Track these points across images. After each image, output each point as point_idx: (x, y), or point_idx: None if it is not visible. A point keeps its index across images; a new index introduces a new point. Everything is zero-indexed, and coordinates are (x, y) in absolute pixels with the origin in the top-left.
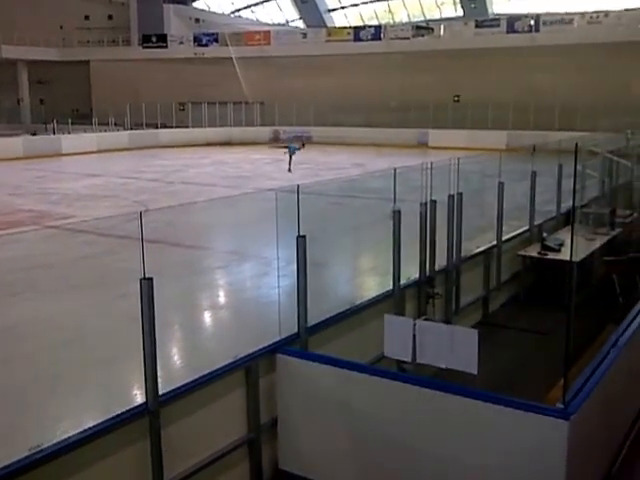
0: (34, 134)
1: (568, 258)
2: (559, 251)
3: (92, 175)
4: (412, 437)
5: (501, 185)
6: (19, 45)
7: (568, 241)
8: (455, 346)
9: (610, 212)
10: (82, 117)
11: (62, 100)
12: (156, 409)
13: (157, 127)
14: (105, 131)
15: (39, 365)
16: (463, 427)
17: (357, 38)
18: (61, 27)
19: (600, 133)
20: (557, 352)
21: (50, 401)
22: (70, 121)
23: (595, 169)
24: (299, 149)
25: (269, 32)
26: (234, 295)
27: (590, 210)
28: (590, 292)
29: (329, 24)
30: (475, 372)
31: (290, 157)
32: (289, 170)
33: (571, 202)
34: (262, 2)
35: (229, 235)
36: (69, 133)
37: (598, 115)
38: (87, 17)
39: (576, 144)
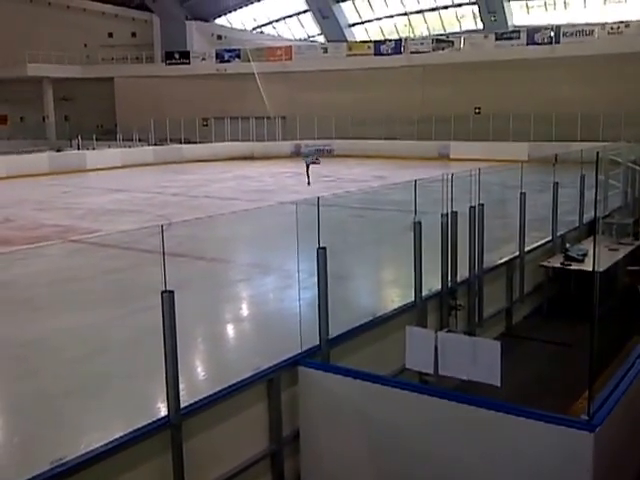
0: (59, 150)
1: (591, 268)
2: (582, 261)
3: (116, 190)
4: (434, 449)
5: (523, 196)
6: (44, 63)
7: (591, 251)
8: (478, 358)
9: (633, 222)
10: (106, 133)
11: (86, 116)
12: (178, 422)
13: (181, 142)
14: (129, 147)
15: (62, 378)
16: (486, 439)
17: (378, 52)
18: (85, 45)
19: (622, 143)
20: (581, 364)
21: (73, 414)
22: (94, 137)
23: (618, 179)
24: (314, 161)
25: (290, 47)
26: (256, 308)
27: (613, 220)
28: (614, 303)
29: (350, 39)
30: (498, 384)
31: (307, 169)
32: (308, 184)
33: (593, 212)
34: (283, 18)
35: (251, 248)
36: (94, 149)
37: (620, 125)
38: (111, 35)
39: (597, 153)
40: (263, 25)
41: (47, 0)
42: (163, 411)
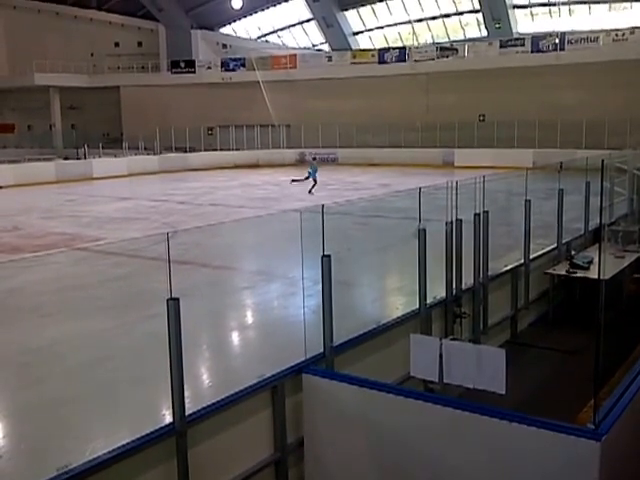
0: (66, 159)
1: (597, 276)
2: (588, 269)
3: (122, 198)
4: (440, 458)
5: (528, 203)
6: (51, 72)
7: (597, 259)
8: (483, 366)
9: (639, 229)
10: (112, 141)
11: (93, 125)
12: (183, 429)
13: (186, 151)
14: (135, 155)
15: (69, 385)
16: (491, 448)
17: (382, 60)
18: (92, 54)
19: (628, 150)
20: (587, 372)
21: (79, 421)
22: (101, 145)
23: (623, 186)
24: (315, 171)
25: (295, 56)
26: (261, 315)
27: (619, 227)
28: (620, 310)
29: (354, 47)
30: (503, 392)
31: (315, 181)
32: (310, 192)
33: (599, 220)
34: (288, 27)
35: (256, 255)
36: (100, 157)
37: (626, 132)
38: (117, 44)
39: (602, 161)
40: (268, 34)
41: (55, 10)
42: (168, 418)
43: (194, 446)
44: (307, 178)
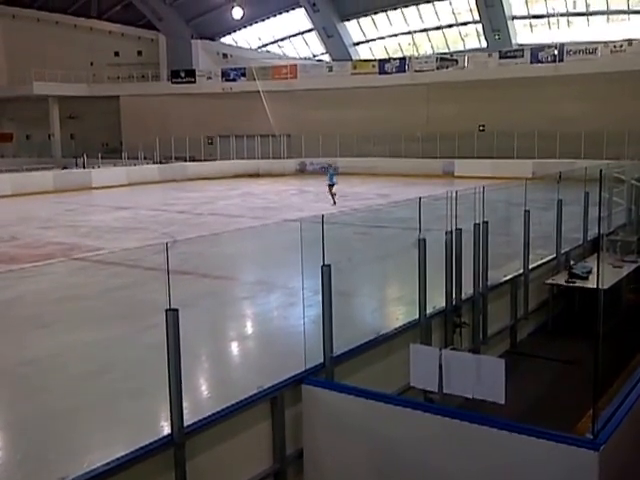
0: (65, 168)
1: (596, 286)
2: (587, 279)
3: (122, 208)
4: (439, 467)
5: (527, 213)
6: (50, 81)
7: (595, 269)
8: (482, 376)
9: (638, 239)
10: (112, 151)
11: (92, 134)
12: (181, 440)
13: (186, 160)
14: (134, 165)
15: (68, 396)
16: (490, 458)
17: (382, 70)
18: (91, 63)
19: (627, 161)
20: (586, 381)
21: (78, 432)
22: (100, 155)
23: (622, 196)
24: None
25: (295, 66)
26: (260, 325)
27: (617, 238)
28: (619, 320)
29: (354, 57)
30: (502, 402)
31: (330, 190)
32: (334, 203)
33: (597, 230)
34: (288, 37)
35: (256, 265)
36: (99, 167)
37: (624, 143)
38: (117, 53)
39: (600, 171)
40: (268, 44)
41: (54, 19)
42: (166, 429)
43: (192, 458)
44: (332, 187)
